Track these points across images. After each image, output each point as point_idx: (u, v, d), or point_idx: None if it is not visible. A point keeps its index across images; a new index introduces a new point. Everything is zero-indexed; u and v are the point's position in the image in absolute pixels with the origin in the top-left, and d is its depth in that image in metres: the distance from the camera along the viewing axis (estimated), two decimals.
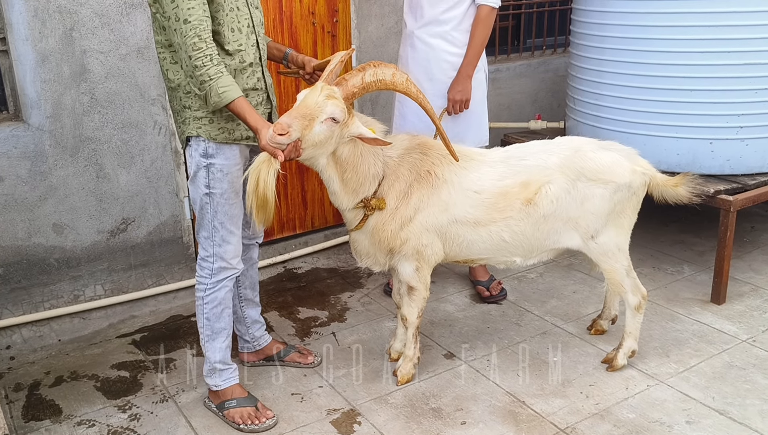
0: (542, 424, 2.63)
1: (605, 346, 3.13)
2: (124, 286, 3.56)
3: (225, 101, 2.28)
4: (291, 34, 3.84)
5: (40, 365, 3.13)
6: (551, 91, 5.13)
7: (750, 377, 2.89)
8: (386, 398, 2.82)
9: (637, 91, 3.60)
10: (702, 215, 4.46)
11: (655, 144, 3.58)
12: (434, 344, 3.21)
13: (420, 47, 3.28)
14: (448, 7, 3.20)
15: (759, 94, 3.42)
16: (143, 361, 3.15)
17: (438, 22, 3.23)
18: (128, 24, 3.30)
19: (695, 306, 3.48)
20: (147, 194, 3.53)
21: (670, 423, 2.62)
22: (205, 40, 2.25)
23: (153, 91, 3.43)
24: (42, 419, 2.75)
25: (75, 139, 3.28)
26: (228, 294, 2.66)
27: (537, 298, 3.63)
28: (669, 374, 2.92)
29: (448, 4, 3.19)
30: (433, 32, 3.25)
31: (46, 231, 3.30)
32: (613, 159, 2.72)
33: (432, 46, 3.26)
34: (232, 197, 2.53)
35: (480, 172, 2.69)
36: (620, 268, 2.84)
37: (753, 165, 3.56)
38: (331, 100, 2.36)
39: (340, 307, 3.61)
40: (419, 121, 3.25)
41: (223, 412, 2.70)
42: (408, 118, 3.39)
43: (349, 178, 2.58)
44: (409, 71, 3.27)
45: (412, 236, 2.66)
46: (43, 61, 3.14)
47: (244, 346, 3.04)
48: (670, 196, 2.88)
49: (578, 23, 3.96)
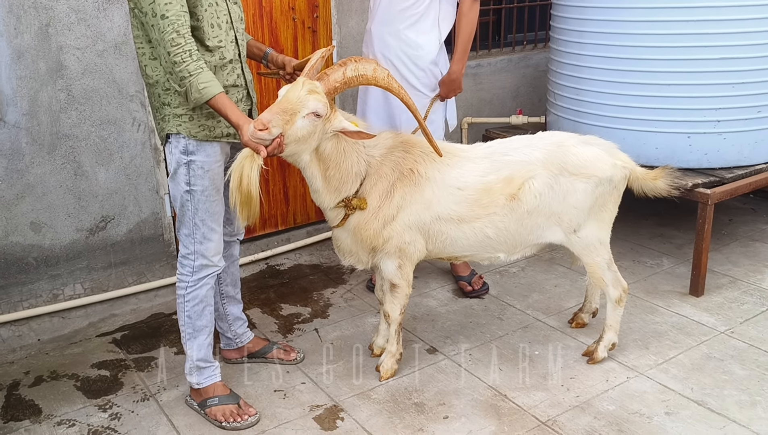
0: (524, 417, 2.65)
1: (586, 339, 3.16)
2: (104, 285, 3.53)
3: (205, 97, 2.27)
4: (271, 30, 3.82)
5: (20, 365, 3.10)
6: (532, 86, 5.16)
7: (728, 368, 2.93)
8: (369, 394, 2.83)
9: (617, 86, 3.63)
10: (680, 208, 4.51)
11: (634, 138, 3.61)
12: (417, 339, 3.22)
13: (377, 44, 3.27)
14: (403, 8, 3.17)
15: (736, 88, 3.46)
16: (124, 360, 3.13)
17: (392, 21, 3.20)
18: (105, 19, 3.26)
19: (674, 298, 3.52)
20: (126, 192, 3.49)
21: (649, 414, 2.65)
22: (183, 35, 2.23)
23: (131, 88, 3.39)
24: (21, 419, 2.72)
25: (52, 137, 3.24)
26: (209, 291, 2.65)
27: (519, 293, 3.65)
28: (648, 366, 2.95)
29: (405, 4, 3.16)
30: (387, 31, 3.23)
31: (23, 229, 3.27)
32: (594, 153, 2.74)
33: (388, 44, 3.24)
34: (213, 194, 2.52)
35: (463, 169, 2.69)
36: (602, 262, 2.87)
37: (730, 159, 3.60)
38: (312, 94, 2.35)
39: (323, 304, 3.60)
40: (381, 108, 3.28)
41: (204, 410, 2.69)
42: (369, 103, 3.36)
43: (331, 175, 2.57)
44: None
45: (394, 234, 2.66)
46: (19, 58, 3.10)
47: (226, 343, 3.03)
48: (649, 190, 2.91)
49: (558, 18, 3.98)
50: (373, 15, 3.29)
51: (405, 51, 3.22)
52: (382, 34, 3.24)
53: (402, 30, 3.20)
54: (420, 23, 3.20)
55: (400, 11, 3.18)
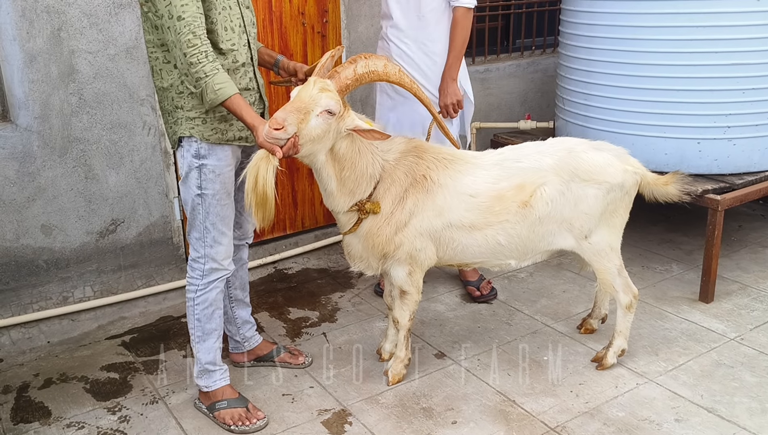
0: (532, 423, 2.64)
1: (595, 345, 3.15)
2: (113, 288, 3.55)
3: (221, 98, 2.27)
4: (281, 35, 3.83)
5: (29, 367, 3.11)
6: (540, 91, 5.15)
7: (738, 375, 2.92)
8: (377, 398, 2.82)
9: (626, 91, 3.63)
10: (690, 214, 4.50)
11: (643, 144, 3.61)
12: (425, 344, 3.22)
13: (394, 50, 3.28)
14: (417, 14, 3.19)
15: (746, 94, 3.45)
16: (133, 363, 3.13)
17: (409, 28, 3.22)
18: (117, 24, 3.28)
19: (684, 304, 3.51)
20: (136, 195, 3.51)
21: (659, 421, 2.64)
22: (199, 36, 2.24)
23: (142, 92, 3.41)
24: (31, 421, 2.73)
25: (63, 140, 3.26)
26: (219, 295, 2.65)
27: (527, 298, 3.64)
28: (658, 372, 2.94)
29: (419, 12, 3.18)
30: (405, 37, 3.24)
31: (34, 232, 3.28)
32: (605, 159, 2.73)
33: (404, 52, 3.25)
34: (224, 198, 2.53)
35: (475, 176, 2.68)
36: (612, 268, 2.86)
37: (740, 164, 3.59)
38: (325, 92, 2.35)
39: (331, 308, 3.61)
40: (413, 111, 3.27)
41: (213, 413, 2.69)
42: (398, 108, 3.38)
43: (347, 176, 2.56)
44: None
45: (406, 241, 2.66)
46: (31, 62, 3.12)
47: (235, 346, 3.03)
48: (660, 195, 2.90)
49: (567, 23, 3.98)
50: (389, 21, 3.30)
51: (422, 58, 3.24)
52: (396, 41, 3.25)
53: (420, 36, 3.22)
54: (436, 30, 3.22)
55: (419, 18, 3.19)
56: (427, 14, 3.18)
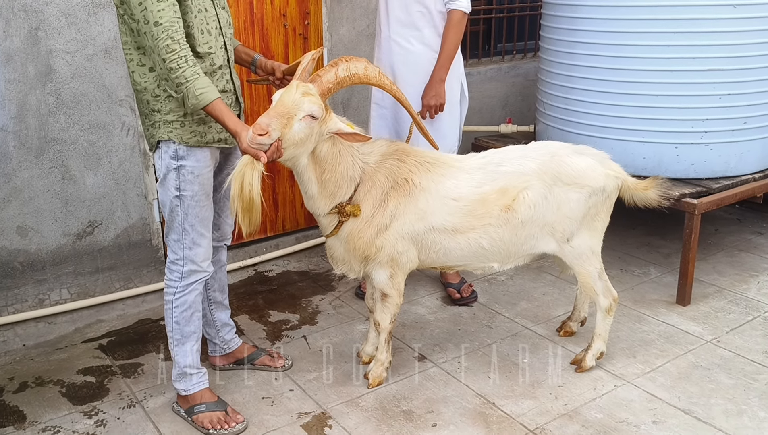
0: (512, 425, 2.65)
1: (574, 348, 3.17)
2: (90, 290, 3.50)
3: (203, 103, 2.26)
4: (262, 36, 3.82)
5: (4, 371, 3.06)
6: (521, 95, 5.19)
7: (714, 377, 2.95)
8: (357, 401, 2.82)
9: (605, 96, 3.66)
10: (667, 218, 4.54)
11: (622, 148, 3.64)
12: (405, 347, 3.22)
13: (396, 51, 3.30)
14: (420, 12, 3.22)
15: (723, 99, 3.49)
16: (110, 366, 3.10)
17: (413, 27, 3.25)
18: (95, 24, 3.25)
19: (661, 307, 3.55)
20: (114, 196, 3.47)
21: (636, 423, 2.66)
22: (178, 41, 2.22)
23: (121, 92, 3.38)
24: (5, 426, 2.69)
25: (40, 140, 3.22)
26: (198, 297, 2.63)
27: (507, 301, 3.66)
28: (636, 375, 2.97)
29: (420, 8, 3.21)
30: (409, 36, 3.26)
31: (9, 234, 3.23)
32: (588, 164, 2.75)
33: (409, 50, 3.28)
34: (203, 199, 2.51)
35: (458, 180, 2.69)
36: (593, 271, 2.88)
37: (717, 169, 3.63)
38: (307, 97, 2.35)
39: (312, 310, 3.59)
40: (397, 123, 3.29)
41: (191, 417, 2.67)
42: (387, 118, 3.40)
43: (327, 178, 2.56)
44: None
45: (387, 244, 2.65)
46: (8, 61, 3.08)
47: (214, 349, 3.01)
48: (639, 200, 2.93)
49: (548, 29, 4.01)
50: (385, 23, 3.32)
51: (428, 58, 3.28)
52: (400, 41, 3.28)
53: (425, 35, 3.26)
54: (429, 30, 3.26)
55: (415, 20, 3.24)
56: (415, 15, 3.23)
